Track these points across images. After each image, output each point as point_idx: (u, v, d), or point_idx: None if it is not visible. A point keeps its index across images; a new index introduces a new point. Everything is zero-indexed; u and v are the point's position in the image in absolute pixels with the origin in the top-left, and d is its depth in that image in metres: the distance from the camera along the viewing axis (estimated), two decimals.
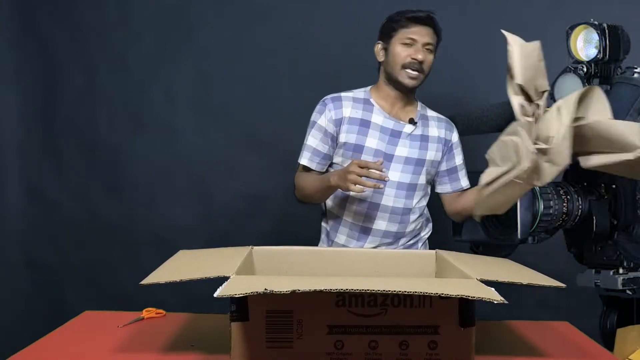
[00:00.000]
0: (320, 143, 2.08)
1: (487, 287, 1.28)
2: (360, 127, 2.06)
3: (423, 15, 2.04)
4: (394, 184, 2.05)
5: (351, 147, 2.05)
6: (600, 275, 1.90)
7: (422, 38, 2.03)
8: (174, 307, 1.85)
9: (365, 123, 2.06)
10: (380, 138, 2.05)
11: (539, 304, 2.72)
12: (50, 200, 3.13)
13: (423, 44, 2.04)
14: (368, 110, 2.09)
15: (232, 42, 3.02)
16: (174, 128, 3.08)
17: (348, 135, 2.06)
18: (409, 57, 2.03)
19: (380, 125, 2.07)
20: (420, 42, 2.03)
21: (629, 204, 1.87)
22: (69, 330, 1.68)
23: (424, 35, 2.04)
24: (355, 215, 2.07)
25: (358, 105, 2.09)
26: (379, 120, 2.07)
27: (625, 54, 1.93)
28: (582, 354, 1.57)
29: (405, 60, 2.03)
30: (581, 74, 1.92)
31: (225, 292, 1.19)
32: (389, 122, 2.08)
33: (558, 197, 1.88)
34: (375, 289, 1.19)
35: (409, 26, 2.03)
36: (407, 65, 2.04)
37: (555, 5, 2.80)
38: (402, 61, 2.04)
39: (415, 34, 2.03)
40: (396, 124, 2.08)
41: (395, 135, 2.07)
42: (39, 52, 3.10)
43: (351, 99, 2.10)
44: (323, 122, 2.08)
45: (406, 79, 2.04)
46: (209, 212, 3.07)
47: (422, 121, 2.12)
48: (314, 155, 2.09)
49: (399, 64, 2.04)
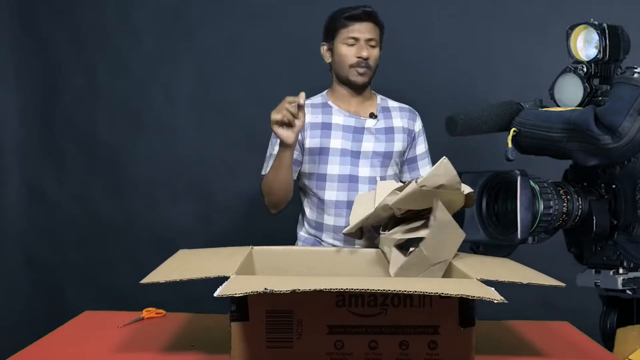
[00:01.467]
0: None
1: (487, 287, 1.28)
2: (323, 131, 2.08)
3: (359, 12, 2.05)
4: (366, 179, 2.07)
5: (316, 152, 2.07)
6: (600, 275, 1.89)
7: (363, 35, 2.05)
8: (174, 307, 1.85)
9: (327, 125, 2.08)
10: (344, 137, 2.07)
11: (539, 304, 2.72)
12: (50, 200, 3.13)
13: (365, 40, 2.05)
14: (327, 112, 2.11)
15: (232, 42, 3.02)
16: (174, 128, 3.08)
17: (312, 141, 2.08)
18: (354, 56, 2.05)
19: (342, 125, 2.09)
20: (363, 39, 2.05)
21: (629, 204, 1.87)
22: (69, 330, 1.68)
23: (365, 31, 2.06)
24: (336, 218, 2.08)
25: (316, 110, 2.12)
26: (340, 120, 2.09)
27: (625, 54, 1.93)
28: (582, 354, 1.57)
29: (352, 60, 2.06)
30: (581, 74, 1.92)
31: (225, 291, 1.19)
32: (349, 120, 2.09)
33: (558, 197, 1.88)
34: (375, 288, 1.19)
35: (348, 25, 2.06)
36: (354, 65, 2.07)
37: (555, 5, 2.80)
38: (348, 61, 2.07)
39: (356, 32, 2.05)
40: (357, 121, 2.10)
41: (358, 132, 2.08)
42: (39, 52, 3.10)
43: (309, 106, 2.12)
44: None
45: (355, 77, 2.08)
46: (209, 212, 3.07)
47: (384, 113, 2.14)
48: None
49: (346, 64, 2.07)
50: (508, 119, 2.04)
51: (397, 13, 2.67)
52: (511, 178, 1.84)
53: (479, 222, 1.95)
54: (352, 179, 2.06)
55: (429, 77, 2.91)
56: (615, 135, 1.71)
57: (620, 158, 1.83)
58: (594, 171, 1.93)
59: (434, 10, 2.95)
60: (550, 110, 1.96)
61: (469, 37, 2.89)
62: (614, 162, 1.87)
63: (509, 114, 2.05)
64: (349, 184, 2.06)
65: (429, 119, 2.26)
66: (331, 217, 2.09)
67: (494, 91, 2.72)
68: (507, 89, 2.70)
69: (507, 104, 2.07)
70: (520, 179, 1.81)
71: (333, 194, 2.07)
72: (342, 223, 2.07)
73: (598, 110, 1.76)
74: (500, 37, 2.90)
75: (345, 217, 2.06)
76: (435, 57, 2.94)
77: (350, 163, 2.07)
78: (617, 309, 1.97)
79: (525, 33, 2.86)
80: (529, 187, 1.83)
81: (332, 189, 2.07)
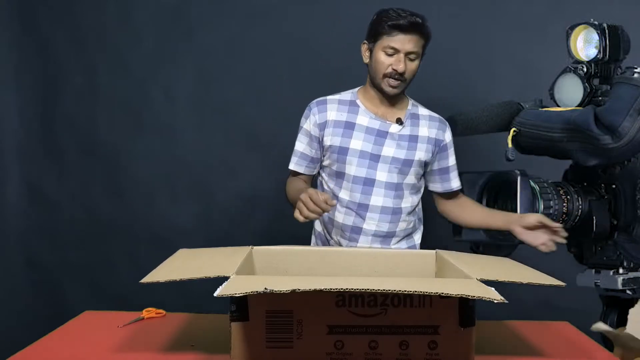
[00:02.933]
0: (307, 147, 2.10)
1: (487, 287, 1.28)
2: (345, 130, 2.06)
3: (406, 23, 1.97)
4: (382, 184, 2.05)
5: (336, 150, 2.06)
6: (600, 275, 1.90)
7: (405, 46, 1.98)
8: (174, 307, 1.85)
9: (350, 125, 2.07)
10: (366, 139, 2.06)
11: (539, 304, 2.72)
12: (50, 200, 3.13)
13: (406, 52, 1.99)
14: (353, 112, 2.09)
15: (232, 42, 3.02)
16: (174, 128, 3.08)
17: (333, 138, 2.07)
18: (390, 67, 2.00)
19: (366, 127, 2.07)
20: (403, 52, 1.98)
21: (629, 204, 1.87)
22: (69, 330, 1.68)
23: (407, 43, 1.98)
24: (346, 216, 2.08)
25: (343, 108, 2.09)
26: (364, 121, 2.08)
27: (625, 54, 1.93)
28: (582, 354, 1.57)
29: (387, 70, 2.00)
30: (581, 74, 1.92)
31: (226, 291, 1.19)
32: (374, 122, 2.07)
33: (558, 197, 1.88)
34: (375, 288, 1.19)
35: (391, 34, 1.98)
36: (388, 75, 2.01)
37: (555, 5, 2.80)
38: (383, 70, 2.01)
39: (397, 43, 1.98)
40: (382, 124, 2.07)
41: (381, 135, 2.07)
42: (39, 52, 3.10)
43: (337, 102, 2.10)
44: (308, 126, 2.09)
45: (387, 87, 2.02)
46: (209, 212, 3.07)
47: (411, 120, 2.11)
48: (301, 159, 2.12)
49: (380, 72, 2.02)
50: (508, 119, 2.05)
51: None
52: (511, 178, 1.84)
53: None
54: (367, 182, 2.05)
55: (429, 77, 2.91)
56: (615, 135, 1.72)
57: (620, 158, 1.83)
58: (594, 171, 1.93)
59: (434, 10, 2.93)
60: (550, 110, 1.96)
61: (469, 37, 2.89)
62: (614, 162, 1.88)
63: (509, 114, 2.05)
64: (363, 187, 2.04)
65: None
66: (341, 215, 2.08)
67: (494, 91, 2.72)
68: (507, 89, 2.70)
69: (507, 104, 2.08)
70: (520, 179, 1.81)
71: (347, 194, 2.06)
72: (350, 222, 2.07)
73: (598, 110, 1.76)
74: (500, 37, 2.90)
75: (354, 218, 2.06)
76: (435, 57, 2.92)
77: (368, 166, 2.05)
78: (617, 309, 1.98)
79: (525, 33, 2.86)
80: (529, 187, 1.84)
81: (347, 188, 2.06)
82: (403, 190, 2.08)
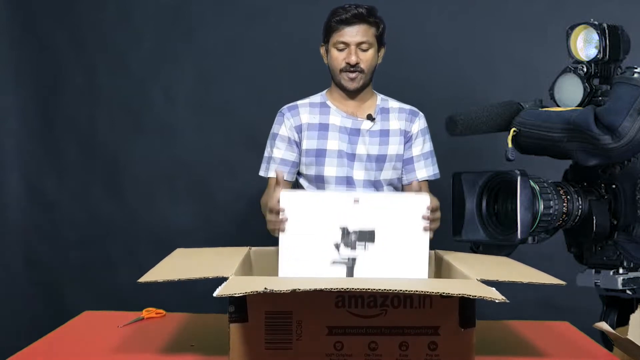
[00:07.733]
0: (286, 152, 2.09)
1: (488, 287, 1.28)
2: (320, 132, 2.07)
3: (349, 16, 1.98)
4: (360, 182, 2.06)
5: (313, 153, 2.06)
6: (600, 275, 1.89)
7: (353, 38, 1.99)
8: (174, 307, 1.85)
9: (324, 126, 2.07)
10: (341, 139, 2.06)
11: (539, 304, 2.72)
12: (50, 200, 3.13)
13: (356, 44, 2.00)
14: (325, 113, 2.09)
15: (232, 42, 3.02)
16: (174, 128, 3.07)
17: (309, 142, 2.07)
18: (344, 61, 2.01)
19: (339, 126, 2.07)
20: (353, 44, 1.99)
21: (629, 204, 1.87)
22: (69, 330, 1.68)
23: (355, 34, 1.99)
24: None
25: (314, 110, 2.10)
26: (337, 121, 2.08)
27: (625, 54, 1.93)
28: (582, 354, 1.57)
29: (341, 65, 2.02)
30: (581, 74, 1.92)
31: (225, 291, 1.19)
32: (346, 121, 2.08)
33: (558, 197, 1.88)
34: (375, 289, 1.19)
35: (339, 29, 2.00)
36: (343, 69, 2.02)
37: (555, 5, 2.80)
38: (338, 66, 2.03)
39: (346, 36, 1.99)
40: (354, 122, 2.08)
41: (354, 133, 2.07)
42: (39, 52, 3.10)
43: (308, 105, 2.11)
44: (284, 131, 2.09)
45: (346, 82, 2.04)
46: (209, 212, 3.07)
47: (382, 115, 2.11)
48: (283, 166, 2.08)
49: (336, 68, 2.03)
50: (508, 119, 2.04)
51: (397, 13, 2.67)
52: (511, 178, 1.84)
53: (479, 222, 1.95)
54: (349, 180, 2.05)
55: (429, 77, 2.91)
56: (615, 135, 1.71)
57: (620, 158, 1.83)
58: (594, 171, 1.93)
59: (434, 10, 2.95)
60: (550, 110, 1.96)
61: (469, 37, 2.89)
62: (614, 162, 1.87)
63: (509, 114, 2.05)
64: (346, 187, 2.05)
65: (429, 119, 2.26)
66: None
67: (494, 91, 2.72)
68: (507, 89, 2.70)
69: (507, 104, 2.07)
70: (520, 179, 1.81)
71: None
72: None
73: (598, 110, 1.76)
74: (500, 37, 2.89)
75: None
76: (435, 57, 2.94)
77: (347, 165, 2.06)
78: (617, 309, 1.97)
79: (525, 33, 2.86)
80: (529, 187, 1.83)
81: (329, 190, 2.06)
82: (382, 187, 2.09)
